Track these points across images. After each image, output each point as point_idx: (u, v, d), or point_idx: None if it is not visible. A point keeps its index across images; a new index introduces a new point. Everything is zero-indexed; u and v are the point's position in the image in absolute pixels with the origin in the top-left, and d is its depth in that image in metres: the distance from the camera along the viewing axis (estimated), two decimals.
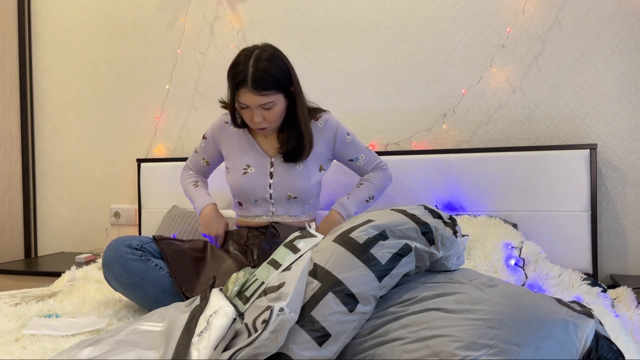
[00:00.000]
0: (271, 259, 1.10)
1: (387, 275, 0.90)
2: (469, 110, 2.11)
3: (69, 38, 2.69)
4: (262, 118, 1.48)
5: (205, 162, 1.76)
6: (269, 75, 1.43)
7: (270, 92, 1.44)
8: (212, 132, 1.70)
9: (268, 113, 1.48)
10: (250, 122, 1.51)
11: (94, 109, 2.67)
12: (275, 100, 1.47)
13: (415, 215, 1.01)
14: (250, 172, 1.58)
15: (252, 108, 1.47)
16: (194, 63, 2.47)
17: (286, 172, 1.57)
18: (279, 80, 1.46)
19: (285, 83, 1.49)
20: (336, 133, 1.65)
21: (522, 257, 1.58)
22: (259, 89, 1.43)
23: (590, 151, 1.87)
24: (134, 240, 1.38)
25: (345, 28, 2.26)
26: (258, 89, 1.42)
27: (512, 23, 2.05)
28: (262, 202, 1.59)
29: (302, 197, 1.59)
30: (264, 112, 1.48)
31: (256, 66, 1.43)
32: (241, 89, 1.44)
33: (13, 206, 2.69)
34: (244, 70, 1.43)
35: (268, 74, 1.43)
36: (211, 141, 1.71)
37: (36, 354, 1.03)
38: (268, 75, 1.43)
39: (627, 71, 1.94)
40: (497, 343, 0.73)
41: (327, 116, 1.66)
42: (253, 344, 0.78)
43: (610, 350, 0.80)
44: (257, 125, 1.51)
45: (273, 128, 1.56)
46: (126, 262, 1.33)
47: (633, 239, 1.95)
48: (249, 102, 1.46)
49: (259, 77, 1.42)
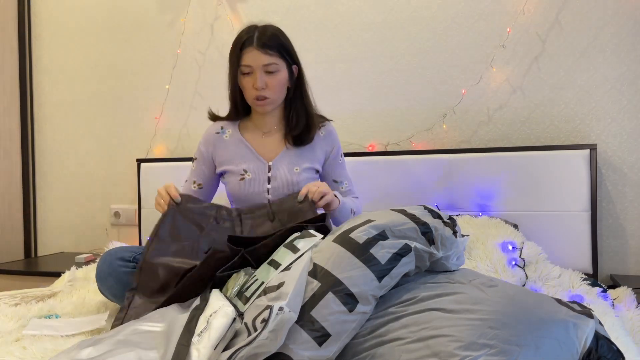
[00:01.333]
0: (271, 259, 1.10)
1: (386, 275, 0.90)
2: (469, 111, 2.11)
3: (69, 38, 2.69)
4: (265, 84, 1.47)
5: (197, 186, 1.63)
6: (275, 37, 1.48)
7: (275, 53, 1.47)
8: (203, 147, 1.64)
9: (271, 78, 1.48)
10: (251, 90, 1.49)
11: (94, 109, 2.67)
12: (279, 65, 1.48)
13: (415, 215, 1.01)
14: (248, 178, 1.56)
15: (256, 71, 1.47)
16: (194, 63, 2.48)
17: (284, 176, 1.55)
18: (284, 47, 1.50)
19: (290, 55, 1.52)
20: (333, 148, 1.64)
21: (522, 257, 1.58)
22: (265, 47, 1.45)
23: (590, 151, 1.87)
24: (126, 252, 1.38)
25: (345, 28, 2.26)
26: (264, 47, 1.45)
27: (512, 23, 2.05)
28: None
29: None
30: (267, 77, 1.47)
31: (263, 30, 1.49)
32: (246, 48, 1.47)
33: (13, 206, 2.69)
34: (250, 34, 1.47)
35: (274, 36, 1.48)
36: (202, 157, 1.63)
37: (36, 354, 1.03)
38: (274, 37, 1.48)
39: (627, 71, 1.94)
40: (497, 343, 0.73)
41: (330, 128, 1.65)
42: (252, 344, 0.78)
43: (610, 351, 0.80)
44: (259, 92, 1.48)
45: (274, 101, 1.53)
46: (119, 275, 1.33)
47: (633, 239, 1.95)
48: (253, 62, 1.46)
49: (265, 38, 1.47)
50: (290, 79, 1.54)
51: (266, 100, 1.51)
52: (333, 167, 1.65)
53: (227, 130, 1.63)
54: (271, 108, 1.55)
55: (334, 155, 1.64)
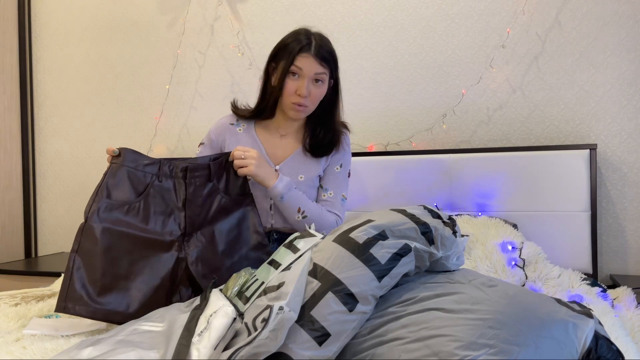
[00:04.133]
0: (271, 259, 1.10)
1: (386, 275, 0.90)
2: (469, 111, 2.11)
3: (69, 38, 2.69)
4: (309, 93, 1.46)
5: None
6: (332, 52, 1.49)
7: (328, 66, 1.47)
8: (214, 135, 1.60)
9: (316, 89, 1.47)
10: (293, 94, 1.47)
11: (94, 109, 2.67)
12: (327, 77, 1.48)
13: (415, 215, 1.01)
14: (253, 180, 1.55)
15: (305, 78, 1.45)
16: (194, 63, 2.48)
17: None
18: (335, 62, 1.50)
19: (335, 72, 1.52)
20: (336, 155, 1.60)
21: (522, 257, 1.58)
22: (321, 58, 1.45)
23: (590, 151, 1.87)
24: None
25: (345, 28, 2.26)
26: (322, 58, 1.45)
27: (512, 23, 2.05)
28: (262, 213, 1.54)
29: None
30: (313, 86, 1.46)
31: (321, 39, 1.48)
32: (303, 53, 1.45)
33: (13, 206, 2.69)
34: (309, 39, 1.46)
35: (332, 51, 1.49)
36: (211, 144, 1.61)
37: (36, 354, 1.03)
38: (332, 52, 1.48)
39: (627, 71, 1.94)
40: (496, 343, 0.73)
41: (344, 137, 1.63)
42: (253, 343, 0.78)
43: (610, 350, 0.80)
44: (300, 100, 1.46)
45: (309, 111, 1.52)
46: None
47: (633, 239, 1.95)
48: (307, 68, 1.44)
49: (325, 50, 1.46)
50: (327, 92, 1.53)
51: (304, 108, 1.49)
52: (327, 173, 1.60)
53: (242, 124, 1.60)
54: (304, 116, 1.55)
55: (335, 161, 1.59)
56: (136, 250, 1.24)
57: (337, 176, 1.60)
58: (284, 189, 1.45)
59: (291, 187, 1.47)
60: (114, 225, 1.25)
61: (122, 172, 1.33)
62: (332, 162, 1.59)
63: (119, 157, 1.35)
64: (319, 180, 1.60)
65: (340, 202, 1.58)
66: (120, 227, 1.25)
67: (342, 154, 1.60)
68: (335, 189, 1.58)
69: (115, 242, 1.23)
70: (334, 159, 1.59)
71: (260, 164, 1.41)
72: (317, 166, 1.57)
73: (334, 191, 1.58)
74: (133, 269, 1.23)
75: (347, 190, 1.61)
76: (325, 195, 1.58)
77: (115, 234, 1.24)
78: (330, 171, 1.59)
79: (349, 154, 1.63)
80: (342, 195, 1.59)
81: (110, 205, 1.27)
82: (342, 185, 1.60)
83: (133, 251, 1.24)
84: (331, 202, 1.57)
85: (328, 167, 1.60)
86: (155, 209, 1.30)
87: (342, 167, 1.60)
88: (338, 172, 1.60)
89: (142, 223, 1.28)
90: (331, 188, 1.58)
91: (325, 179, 1.59)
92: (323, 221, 1.52)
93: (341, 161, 1.60)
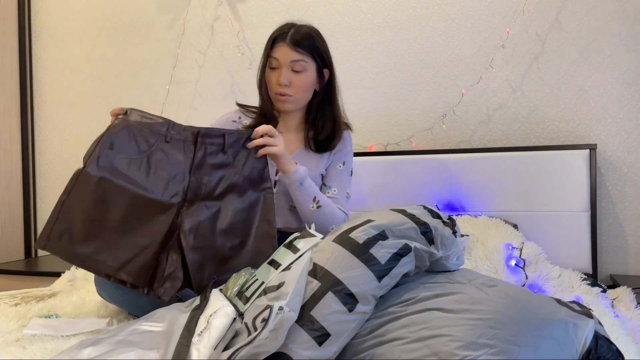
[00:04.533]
0: (271, 259, 1.10)
1: (386, 275, 0.90)
2: (469, 111, 2.11)
3: (69, 38, 2.69)
4: (289, 82, 1.45)
5: None
6: (309, 37, 1.47)
7: (305, 52, 1.45)
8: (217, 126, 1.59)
9: (296, 77, 1.45)
10: (275, 85, 1.46)
11: (94, 109, 2.67)
12: (307, 63, 1.46)
13: (415, 215, 1.01)
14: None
15: (282, 67, 1.45)
16: (194, 63, 2.48)
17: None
18: (316, 47, 1.47)
19: (322, 58, 1.49)
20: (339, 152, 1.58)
21: (522, 257, 1.58)
22: (296, 45, 1.44)
23: (590, 151, 1.87)
24: None
25: (345, 28, 2.26)
26: (295, 44, 1.44)
27: (512, 23, 2.05)
28: None
29: None
30: (292, 75, 1.45)
31: (299, 29, 1.47)
32: (278, 43, 1.46)
33: (13, 206, 2.69)
34: (285, 30, 1.47)
35: (308, 36, 1.47)
36: None
37: (36, 354, 1.03)
38: (308, 37, 1.46)
39: (627, 71, 1.94)
40: (496, 343, 0.73)
41: (346, 135, 1.61)
42: (252, 343, 0.78)
43: (610, 351, 0.80)
44: (281, 89, 1.45)
45: (296, 101, 1.49)
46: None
47: (633, 239, 1.95)
48: (282, 57, 1.45)
49: (298, 35, 1.45)
50: (320, 82, 1.51)
51: (288, 98, 1.47)
52: (329, 170, 1.59)
53: (245, 121, 1.59)
54: (292, 107, 1.51)
55: (337, 159, 1.58)
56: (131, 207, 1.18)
57: (340, 174, 1.58)
58: (304, 173, 1.41)
59: (308, 174, 1.43)
60: (112, 176, 1.18)
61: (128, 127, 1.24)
62: (334, 160, 1.58)
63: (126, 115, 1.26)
64: (322, 179, 1.59)
65: (345, 199, 1.56)
66: (119, 180, 1.18)
67: (344, 152, 1.59)
68: (339, 186, 1.56)
69: (111, 195, 1.17)
70: (336, 157, 1.58)
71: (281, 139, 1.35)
72: (320, 164, 1.56)
73: (338, 188, 1.56)
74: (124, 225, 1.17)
75: (350, 188, 1.60)
76: (330, 192, 1.55)
77: (112, 186, 1.17)
78: (333, 169, 1.58)
79: (351, 153, 1.62)
80: (346, 192, 1.57)
81: (112, 156, 1.19)
82: (346, 183, 1.59)
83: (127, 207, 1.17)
84: (336, 199, 1.54)
85: (330, 165, 1.58)
86: (158, 168, 1.22)
87: (344, 164, 1.59)
88: (341, 169, 1.58)
89: (142, 180, 1.20)
90: (335, 185, 1.56)
91: (328, 176, 1.58)
92: (334, 215, 1.48)
93: (343, 159, 1.59)
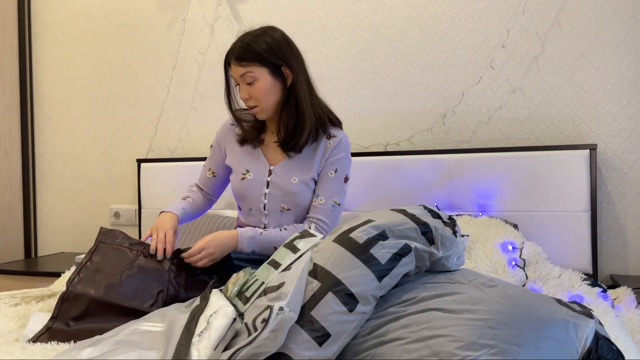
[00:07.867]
0: (271, 259, 1.10)
1: (386, 275, 0.90)
2: (469, 111, 2.11)
3: (69, 38, 2.69)
4: (248, 95, 1.48)
5: (211, 174, 1.66)
6: (250, 47, 1.45)
7: (249, 63, 1.44)
8: (218, 137, 1.66)
9: (251, 89, 1.47)
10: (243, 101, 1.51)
11: (94, 109, 2.67)
12: (256, 73, 1.45)
13: (415, 215, 1.01)
14: (249, 178, 1.56)
15: (240, 83, 1.48)
16: (194, 63, 2.48)
17: (281, 183, 1.53)
18: (259, 54, 1.45)
19: (271, 59, 1.46)
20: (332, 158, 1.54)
21: (522, 257, 1.58)
22: (239, 60, 1.45)
23: (590, 151, 1.87)
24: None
25: (345, 28, 2.26)
26: (238, 60, 1.45)
27: (512, 23, 2.05)
28: (256, 212, 1.55)
29: (295, 209, 1.54)
30: (248, 87, 1.47)
31: (242, 40, 1.47)
32: (229, 62, 1.49)
33: (13, 206, 2.69)
34: (232, 47, 1.48)
35: (249, 46, 1.45)
36: (217, 147, 1.65)
37: (36, 354, 1.03)
38: (249, 47, 1.45)
39: (627, 71, 1.94)
40: (497, 343, 0.73)
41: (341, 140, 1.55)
42: (253, 343, 0.78)
43: (610, 351, 0.80)
44: (247, 103, 1.50)
45: (264, 109, 1.50)
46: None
47: (633, 239, 1.95)
48: (234, 74, 1.48)
49: (238, 50, 1.45)
50: (283, 82, 1.49)
51: (255, 109, 1.50)
52: (320, 177, 1.55)
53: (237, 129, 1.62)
54: (265, 115, 1.52)
55: (329, 165, 1.54)
56: (114, 317, 1.21)
57: (330, 182, 1.54)
58: (249, 246, 1.45)
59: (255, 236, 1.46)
60: (95, 292, 1.23)
61: (107, 248, 1.35)
62: (326, 166, 1.54)
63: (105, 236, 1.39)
64: (315, 183, 1.56)
65: (330, 208, 1.53)
66: (102, 294, 1.23)
67: (337, 158, 1.54)
68: (326, 195, 1.53)
69: (94, 310, 1.21)
70: (328, 162, 1.54)
71: (214, 247, 1.38)
72: (311, 171, 1.54)
73: (325, 197, 1.53)
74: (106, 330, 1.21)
75: (341, 196, 1.55)
76: (316, 201, 1.54)
77: (96, 302, 1.22)
78: (324, 176, 1.55)
79: (346, 159, 1.56)
80: (333, 201, 1.53)
81: (94, 274, 1.27)
82: (335, 192, 1.54)
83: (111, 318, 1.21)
84: (319, 209, 1.53)
85: (322, 172, 1.55)
86: (138, 282, 1.29)
87: (336, 172, 1.54)
88: (332, 177, 1.54)
89: (124, 293, 1.25)
90: (322, 194, 1.53)
91: (318, 184, 1.55)
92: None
93: (336, 166, 1.54)
